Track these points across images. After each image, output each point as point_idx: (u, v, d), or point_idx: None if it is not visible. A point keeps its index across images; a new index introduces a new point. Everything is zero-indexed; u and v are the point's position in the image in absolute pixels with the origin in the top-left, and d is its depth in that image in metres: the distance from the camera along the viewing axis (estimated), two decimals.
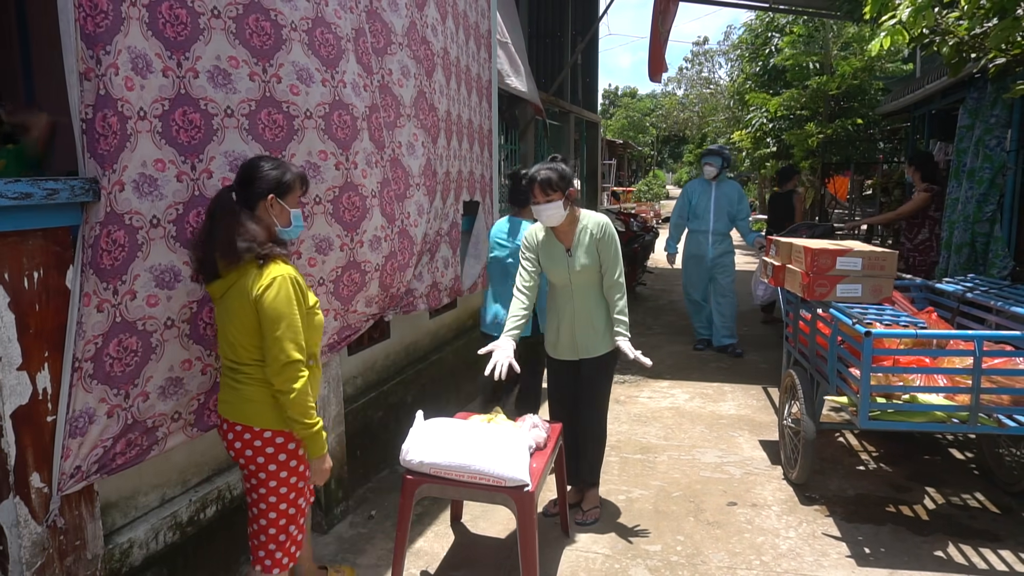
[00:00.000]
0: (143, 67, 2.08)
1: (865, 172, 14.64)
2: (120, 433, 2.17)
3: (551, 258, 3.28)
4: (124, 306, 2.12)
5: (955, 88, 7.24)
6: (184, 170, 2.25)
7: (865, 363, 3.02)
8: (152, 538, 2.44)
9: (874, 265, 3.58)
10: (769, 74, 16.36)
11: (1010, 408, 3.07)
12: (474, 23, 4.71)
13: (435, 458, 2.68)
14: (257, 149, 2.49)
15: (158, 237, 2.19)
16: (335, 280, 3.01)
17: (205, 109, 2.30)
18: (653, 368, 3.22)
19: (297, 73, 2.60)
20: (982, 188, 5.75)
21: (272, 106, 2.53)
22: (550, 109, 10.53)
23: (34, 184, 1.89)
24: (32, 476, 1.98)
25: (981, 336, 3.04)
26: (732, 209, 6.55)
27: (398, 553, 2.81)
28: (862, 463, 4.12)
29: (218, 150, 2.36)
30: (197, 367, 2.40)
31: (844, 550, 3.18)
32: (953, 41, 4.29)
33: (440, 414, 3.69)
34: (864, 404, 3.06)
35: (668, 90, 35.40)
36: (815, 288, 3.61)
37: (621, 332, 3.22)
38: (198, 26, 2.25)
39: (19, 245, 1.92)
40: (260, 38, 2.46)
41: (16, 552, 1.96)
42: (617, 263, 3.23)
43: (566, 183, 3.12)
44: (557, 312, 3.37)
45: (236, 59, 2.39)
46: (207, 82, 2.30)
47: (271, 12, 2.49)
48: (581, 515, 3.46)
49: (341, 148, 2.77)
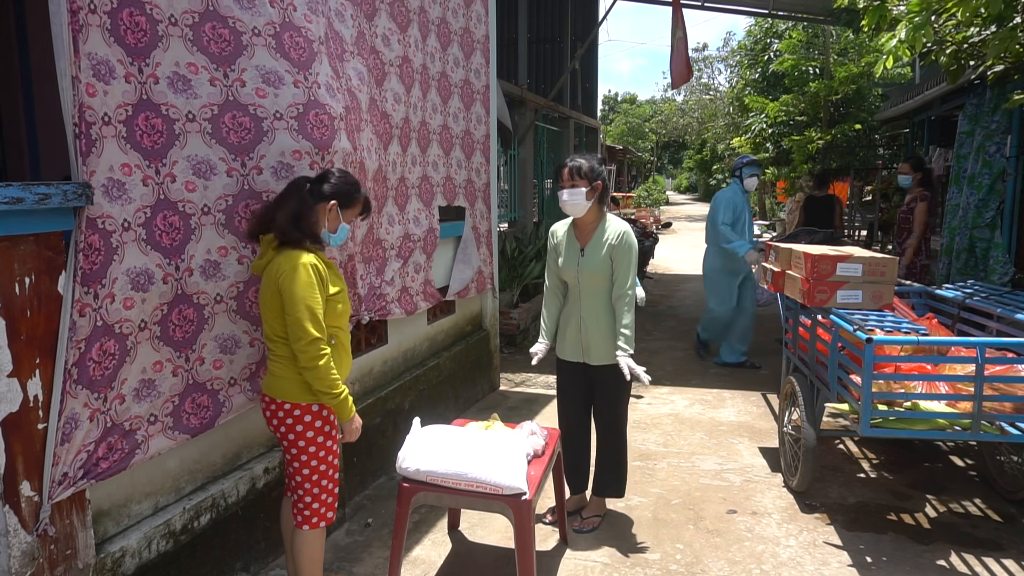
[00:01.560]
0: (106, 73, 2.10)
1: (865, 178, 14.64)
2: (100, 437, 2.18)
3: (565, 254, 3.31)
4: (104, 310, 2.14)
5: (954, 94, 7.24)
6: (149, 174, 2.28)
7: (867, 370, 2.98)
8: (145, 547, 2.41)
9: (874, 271, 3.55)
10: (768, 80, 16.39)
11: (1012, 416, 3.03)
12: (460, 28, 4.71)
13: (432, 466, 2.65)
14: (221, 152, 2.52)
15: (130, 240, 2.21)
16: None
17: (167, 114, 2.33)
18: (652, 374, 3.20)
19: (263, 76, 2.62)
20: (982, 194, 5.74)
21: (237, 109, 2.56)
22: (550, 114, 10.54)
23: (25, 189, 1.87)
24: (22, 484, 1.96)
25: (984, 343, 3.00)
26: None
27: (394, 561, 2.79)
28: (863, 471, 4.09)
29: (181, 154, 2.39)
30: (168, 368, 2.42)
31: (845, 559, 3.15)
32: (951, 49, 4.29)
33: (437, 421, 3.67)
34: (866, 412, 3.02)
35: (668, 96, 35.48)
36: (815, 294, 3.58)
37: (621, 347, 3.15)
38: (157, 33, 2.28)
39: (10, 250, 1.90)
40: (218, 44, 2.49)
41: (5, 562, 1.94)
42: (629, 274, 3.19)
43: (594, 175, 3.16)
44: (568, 312, 3.39)
45: (195, 65, 2.42)
46: (167, 88, 2.32)
47: (229, 19, 2.53)
48: (579, 522, 3.43)
49: (318, 147, 2.78)
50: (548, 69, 11.91)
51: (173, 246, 2.38)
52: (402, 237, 4.01)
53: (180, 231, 2.40)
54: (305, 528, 2.53)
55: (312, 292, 2.31)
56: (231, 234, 2.61)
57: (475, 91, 4.96)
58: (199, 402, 2.56)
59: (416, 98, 4.07)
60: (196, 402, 2.55)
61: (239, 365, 2.74)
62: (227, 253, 2.62)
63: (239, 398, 2.74)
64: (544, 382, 5.94)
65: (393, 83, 3.77)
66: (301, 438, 2.45)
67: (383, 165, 3.69)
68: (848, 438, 4.50)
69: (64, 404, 2.02)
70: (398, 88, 3.83)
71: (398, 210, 3.96)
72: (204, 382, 2.58)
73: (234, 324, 2.70)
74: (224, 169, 2.54)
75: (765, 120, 14.69)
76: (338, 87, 2.97)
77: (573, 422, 3.44)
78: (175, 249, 2.39)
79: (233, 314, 2.69)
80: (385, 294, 3.86)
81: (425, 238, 4.26)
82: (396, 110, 3.82)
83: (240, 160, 2.58)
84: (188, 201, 2.42)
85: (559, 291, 3.43)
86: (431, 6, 4.27)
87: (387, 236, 3.84)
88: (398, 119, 3.84)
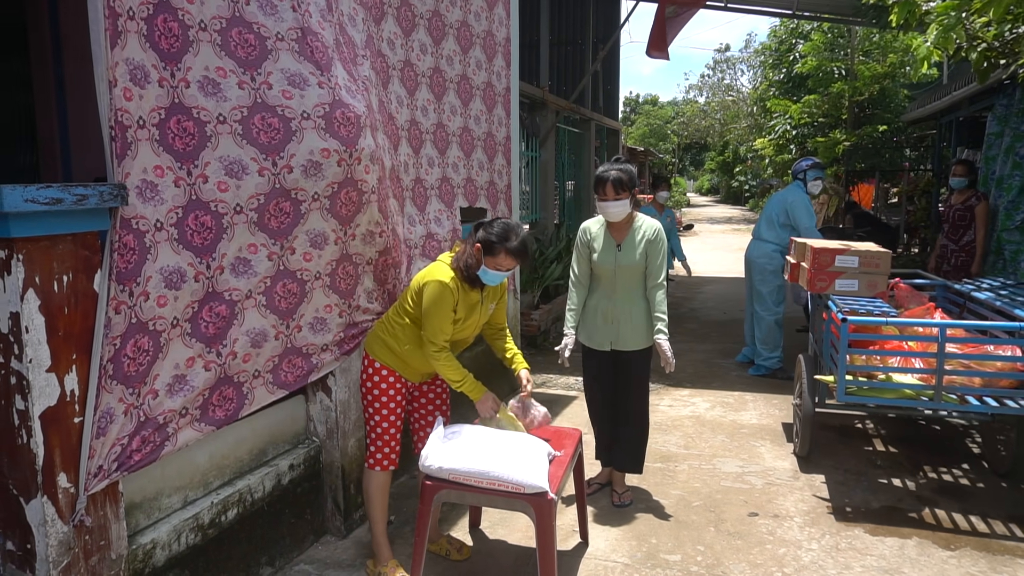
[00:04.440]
0: (141, 78, 2.16)
1: (890, 179, 14.46)
2: (135, 431, 2.24)
3: (601, 250, 3.53)
4: (139, 307, 2.20)
5: (983, 95, 7.13)
6: (181, 175, 2.34)
7: (843, 345, 3.42)
8: (175, 539, 2.47)
9: (870, 263, 4.01)
10: (793, 81, 16.24)
11: (977, 389, 3.38)
12: (483, 31, 4.73)
13: (455, 464, 2.68)
14: (253, 152, 2.57)
15: (163, 240, 2.27)
16: (331, 274, 3.08)
17: (198, 117, 2.39)
18: (674, 376, 3.24)
19: (288, 79, 2.68)
20: (1011, 195, 5.66)
21: (265, 110, 2.62)
22: (571, 116, 10.54)
23: (64, 190, 1.93)
24: (59, 476, 2.02)
25: (945, 324, 3.38)
26: None
27: (417, 558, 2.81)
28: (887, 475, 4.05)
29: (212, 155, 2.45)
30: (199, 363, 2.48)
31: (868, 563, 3.12)
32: (982, 47, 4.24)
33: (458, 420, 3.70)
34: (841, 380, 3.44)
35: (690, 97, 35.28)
36: (816, 282, 4.09)
37: (662, 330, 3.44)
38: (188, 38, 2.35)
39: (50, 249, 1.97)
40: (245, 49, 2.56)
41: (43, 551, 2.00)
42: (662, 267, 3.48)
43: (633, 183, 3.43)
44: (596, 302, 3.60)
45: (224, 69, 2.48)
46: (198, 91, 2.39)
47: (253, 25, 2.60)
48: (618, 497, 3.71)
49: (345, 145, 2.83)
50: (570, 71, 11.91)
51: (204, 245, 2.43)
52: (425, 236, 4.05)
53: (212, 230, 2.45)
54: (366, 465, 3.00)
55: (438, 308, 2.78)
56: (262, 232, 2.67)
57: (497, 93, 4.99)
58: (225, 394, 2.62)
59: (425, 101, 4.11)
60: (223, 395, 2.61)
61: (264, 358, 2.79)
62: (257, 250, 2.67)
63: (261, 391, 2.80)
64: (564, 383, 5.95)
65: (395, 86, 3.83)
66: (362, 385, 2.98)
67: (395, 165, 3.75)
68: (876, 441, 4.48)
69: (100, 399, 2.08)
70: (400, 91, 3.88)
71: (418, 210, 4.00)
72: (232, 375, 2.65)
73: (264, 319, 2.76)
74: (256, 168, 2.59)
75: (789, 122, 14.56)
76: (356, 88, 3.03)
77: (605, 403, 3.71)
78: (206, 248, 2.44)
79: (263, 308, 2.75)
80: None
81: (449, 238, 4.29)
82: (400, 113, 3.88)
83: (271, 159, 2.63)
84: (220, 201, 2.48)
85: (586, 284, 3.65)
86: (449, 10, 4.29)
87: (410, 235, 3.88)
88: (402, 121, 3.89)
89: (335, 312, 3.14)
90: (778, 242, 5.91)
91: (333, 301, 3.13)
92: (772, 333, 6.02)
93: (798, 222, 5.78)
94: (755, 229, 6.20)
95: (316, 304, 3.04)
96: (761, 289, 5.99)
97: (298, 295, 2.93)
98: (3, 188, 1.79)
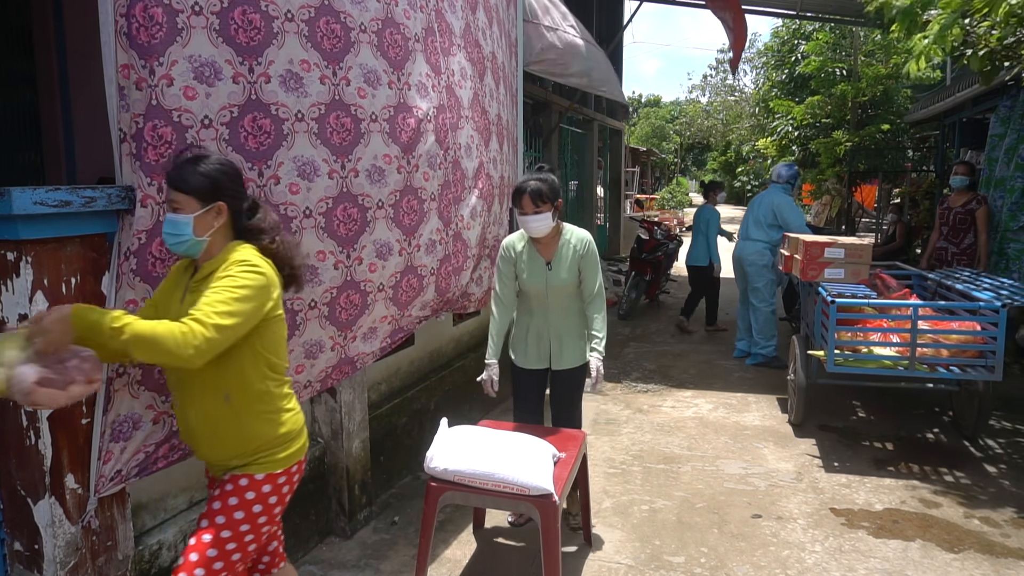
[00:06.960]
0: (210, 75, 2.08)
1: (893, 180, 14.43)
2: (164, 439, 2.22)
3: (528, 269, 3.23)
4: None
5: (986, 96, 7.12)
6: (251, 176, 2.24)
7: (831, 324, 3.99)
8: (180, 540, 2.47)
9: (854, 254, 4.68)
10: (795, 81, 16.23)
11: (944, 359, 3.98)
12: (509, 26, 4.71)
13: (460, 465, 2.68)
14: (324, 153, 2.46)
15: None
16: (394, 286, 2.99)
17: (276, 114, 2.29)
18: (676, 377, 3.23)
19: (365, 76, 2.58)
20: (1014, 197, 5.65)
21: (340, 109, 2.51)
22: (574, 116, 10.54)
23: (73, 192, 1.94)
24: (67, 477, 2.03)
25: (917, 304, 3.99)
26: None
27: (421, 559, 2.82)
28: (890, 476, 4.05)
29: (287, 155, 2.35)
30: None
31: (872, 566, 3.12)
32: (985, 50, 4.24)
33: (463, 421, 3.70)
34: (830, 355, 4.01)
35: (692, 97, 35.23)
36: (808, 271, 4.71)
37: (596, 349, 3.18)
38: (272, 30, 2.24)
39: (58, 251, 1.97)
40: (330, 41, 2.45)
41: (51, 551, 2.01)
42: (597, 278, 3.22)
43: (555, 194, 3.09)
44: (527, 321, 3.33)
45: (308, 62, 2.37)
46: (279, 86, 2.28)
47: (341, 14, 2.47)
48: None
49: (404, 151, 2.75)
50: None
51: None
52: (494, 236, 3.96)
53: None
54: None
55: None
56: (330, 238, 2.55)
57: (515, 84, 4.94)
58: None
59: (502, 95, 3.97)
60: None
61: (317, 369, 2.72)
62: (325, 258, 2.56)
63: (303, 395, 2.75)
64: None
65: (489, 79, 3.69)
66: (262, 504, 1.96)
67: (484, 162, 3.53)
68: (874, 441, 4.48)
69: (116, 402, 2.07)
70: (491, 83, 3.75)
71: (496, 208, 3.90)
72: None
73: (323, 330, 2.65)
74: (326, 171, 2.48)
75: (791, 122, 14.55)
76: (433, 85, 2.90)
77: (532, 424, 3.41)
78: None
79: (324, 320, 2.64)
80: (471, 293, 3.86)
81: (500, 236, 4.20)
82: (491, 106, 3.74)
83: (340, 162, 2.52)
84: (291, 204, 2.38)
85: (511, 305, 3.32)
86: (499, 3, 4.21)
87: (487, 235, 3.77)
88: (492, 115, 3.75)
89: (387, 322, 3.06)
90: (768, 240, 6.36)
91: (391, 313, 3.02)
92: (768, 323, 6.42)
93: (789, 223, 6.23)
94: (742, 230, 6.64)
95: (375, 316, 2.90)
96: (757, 284, 6.40)
97: (360, 307, 2.77)
98: (13, 191, 1.79)
